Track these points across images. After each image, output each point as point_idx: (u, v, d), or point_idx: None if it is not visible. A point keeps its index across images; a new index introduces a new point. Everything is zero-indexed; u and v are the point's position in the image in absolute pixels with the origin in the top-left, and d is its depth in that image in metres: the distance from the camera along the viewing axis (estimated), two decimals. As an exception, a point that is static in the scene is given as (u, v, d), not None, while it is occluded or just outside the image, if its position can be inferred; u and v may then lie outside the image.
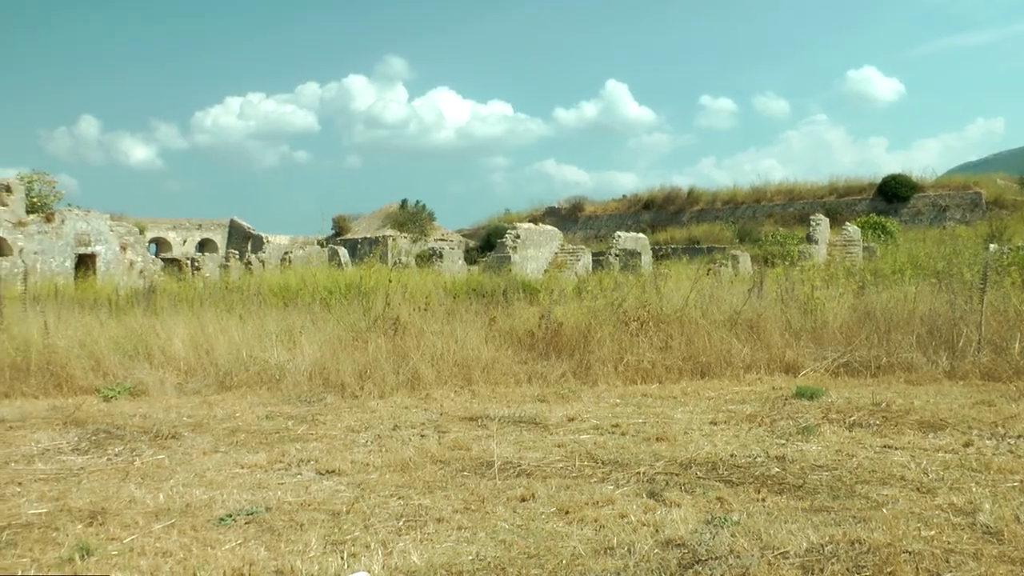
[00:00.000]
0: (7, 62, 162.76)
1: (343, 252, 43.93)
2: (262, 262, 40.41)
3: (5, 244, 33.60)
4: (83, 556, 5.17)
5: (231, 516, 5.95)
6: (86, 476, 7.20)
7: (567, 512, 5.88)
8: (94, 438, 8.60)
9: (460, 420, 9.26)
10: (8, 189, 34.27)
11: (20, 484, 6.99)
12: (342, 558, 5.05)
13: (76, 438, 8.64)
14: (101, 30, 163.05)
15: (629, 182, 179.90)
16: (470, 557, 5.05)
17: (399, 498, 6.35)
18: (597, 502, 6.09)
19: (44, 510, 6.25)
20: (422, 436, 8.47)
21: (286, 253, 43.38)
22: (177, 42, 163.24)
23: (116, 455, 7.93)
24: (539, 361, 12.10)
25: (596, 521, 5.65)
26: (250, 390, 11.14)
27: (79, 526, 5.81)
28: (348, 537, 5.45)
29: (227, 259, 42.95)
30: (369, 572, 4.84)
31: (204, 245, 59.18)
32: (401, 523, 5.73)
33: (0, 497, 6.63)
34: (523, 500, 6.21)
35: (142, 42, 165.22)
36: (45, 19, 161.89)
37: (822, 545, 5.03)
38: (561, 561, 4.95)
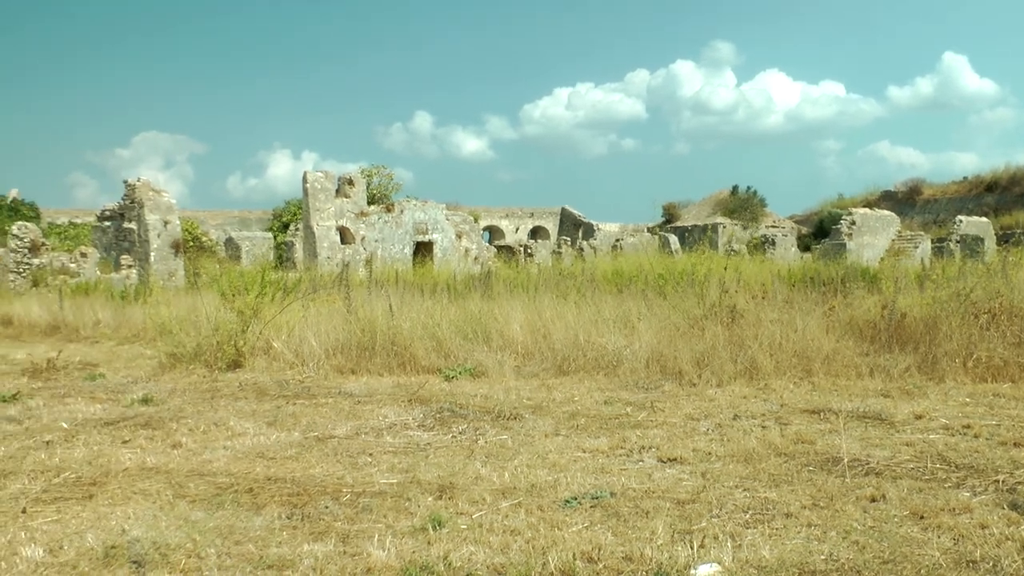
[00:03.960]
0: (349, 68, 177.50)
1: (673, 239, 44.12)
2: (593, 249, 41.26)
3: (348, 233, 36.47)
4: (435, 527, 5.43)
5: (576, 499, 6.03)
6: (432, 451, 7.60)
7: (922, 517, 5.56)
8: (438, 416, 9.10)
9: (801, 412, 9.01)
10: (351, 182, 37.21)
11: (371, 455, 7.50)
12: (691, 548, 4.99)
13: (421, 415, 9.17)
14: (433, 34, 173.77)
15: (969, 163, 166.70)
16: (823, 556, 4.89)
17: (744, 490, 6.24)
18: (953, 509, 5.71)
19: (395, 481, 6.65)
20: (763, 427, 8.31)
21: (616, 240, 44.09)
22: (507, 40, 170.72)
23: (460, 433, 8.32)
24: (881, 353, 11.56)
25: (953, 530, 5.29)
26: (587, 375, 11.31)
27: (429, 498, 6.13)
28: (695, 527, 5.39)
29: (559, 246, 44.22)
30: (720, 564, 4.74)
31: (536, 233, 61.39)
32: (748, 515, 5.63)
33: (354, 465, 7.15)
34: (873, 500, 5.94)
35: (473, 42, 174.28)
36: (380, 29, 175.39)
37: None
38: (919, 570, 4.69)
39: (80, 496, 6.44)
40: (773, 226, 56.50)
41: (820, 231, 52.81)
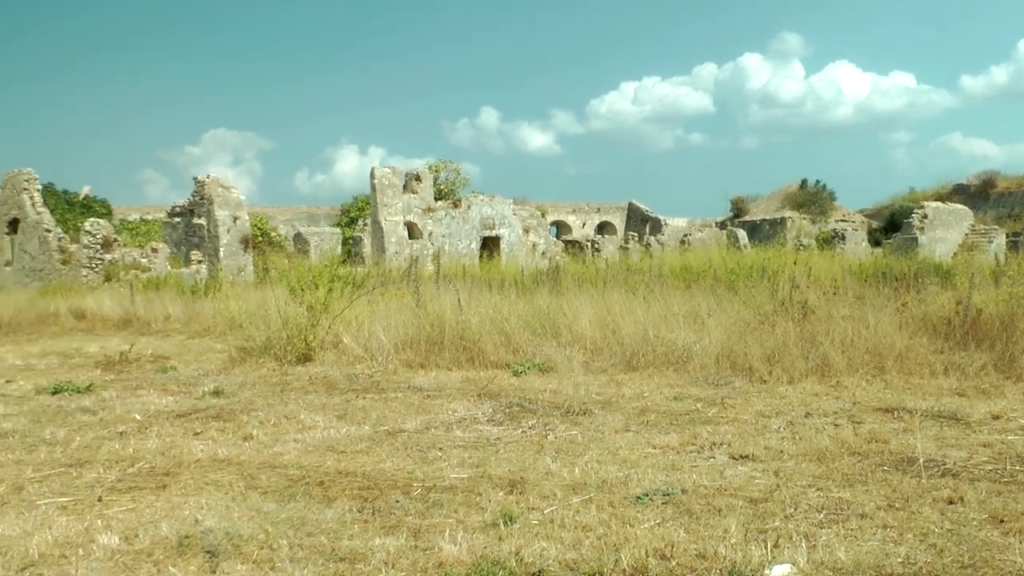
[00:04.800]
0: (415, 64, 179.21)
1: (742, 234, 43.81)
2: (661, 244, 41.07)
3: (416, 228, 36.71)
4: (506, 522, 5.43)
5: (647, 495, 5.99)
6: (503, 446, 7.61)
7: (1002, 521, 5.39)
8: (508, 410, 9.11)
9: (874, 411, 8.85)
10: (418, 178, 37.49)
11: (441, 449, 7.54)
12: (765, 548, 4.92)
13: (491, 409, 9.20)
14: (498, 29, 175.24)
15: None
16: (899, 559, 4.77)
17: (817, 489, 6.14)
18: (1034, 513, 5.54)
19: (465, 475, 6.67)
20: (836, 425, 8.18)
21: (684, 235, 43.84)
22: (573, 34, 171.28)
23: (530, 428, 8.33)
24: (956, 351, 11.28)
25: (1034, 535, 5.13)
26: (656, 371, 11.23)
27: (500, 493, 6.12)
28: (769, 526, 5.32)
29: (626, 241, 44.06)
30: (794, 565, 4.66)
31: (603, 228, 61.35)
32: (822, 516, 5.54)
33: (424, 460, 7.19)
34: (950, 503, 5.79)
35: (538, 37, 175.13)
36: (445, 24, 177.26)
37: None
38: (1000, 576, 4.55)
39: (154, 486, 6.56)
40: (843, 220, 55.80)
41: (891, 225, 52.15)
